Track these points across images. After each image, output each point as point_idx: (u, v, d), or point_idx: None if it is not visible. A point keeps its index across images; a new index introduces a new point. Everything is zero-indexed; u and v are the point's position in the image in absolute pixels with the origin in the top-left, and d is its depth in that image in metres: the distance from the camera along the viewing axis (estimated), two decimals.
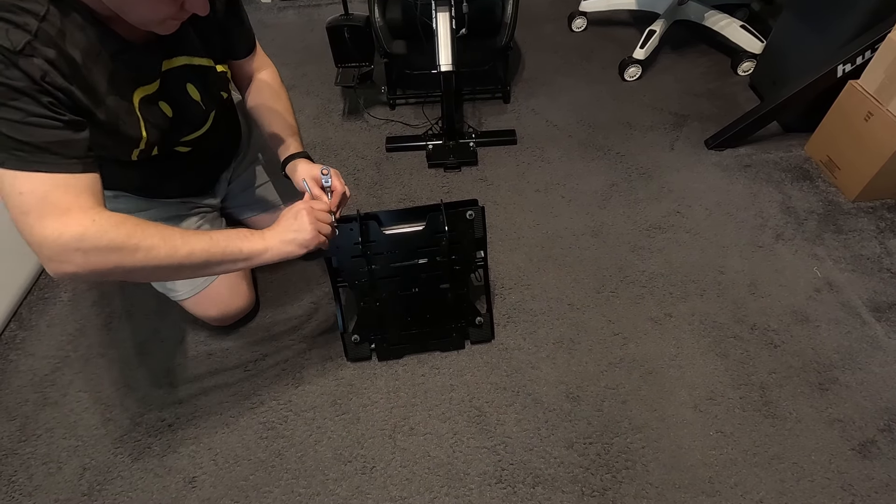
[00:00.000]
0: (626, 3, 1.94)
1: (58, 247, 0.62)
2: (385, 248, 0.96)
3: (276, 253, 0.78)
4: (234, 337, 1.11)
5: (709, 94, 1.68)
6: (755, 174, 1.41)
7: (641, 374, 1.02)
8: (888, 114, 1.18)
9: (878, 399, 0.96)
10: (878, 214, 1.29)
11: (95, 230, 0.63)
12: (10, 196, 0.62)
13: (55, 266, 0.63)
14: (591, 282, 1.18)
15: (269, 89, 1.01)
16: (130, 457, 0.94)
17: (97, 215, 0.64)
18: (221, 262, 0.74)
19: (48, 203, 0.62)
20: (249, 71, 1.01)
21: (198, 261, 0.71)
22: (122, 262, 0.65)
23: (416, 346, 1.06)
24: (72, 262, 0.63)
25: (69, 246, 0.62)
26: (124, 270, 0.66)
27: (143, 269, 0.67)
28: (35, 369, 1.07)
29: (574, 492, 0.87)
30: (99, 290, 1.20)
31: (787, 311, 1.11)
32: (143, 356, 1.08)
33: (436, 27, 1.34)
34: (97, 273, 0.65)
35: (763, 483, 0.87)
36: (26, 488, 0.91)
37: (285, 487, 0.90)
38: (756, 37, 1.69)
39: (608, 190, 1.39)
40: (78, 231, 0.62)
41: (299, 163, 0.94)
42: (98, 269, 0.64)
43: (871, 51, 1.23)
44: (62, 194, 0.63)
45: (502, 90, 1.68)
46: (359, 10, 1.71)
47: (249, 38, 0.97)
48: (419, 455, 0.93)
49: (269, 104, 1.00)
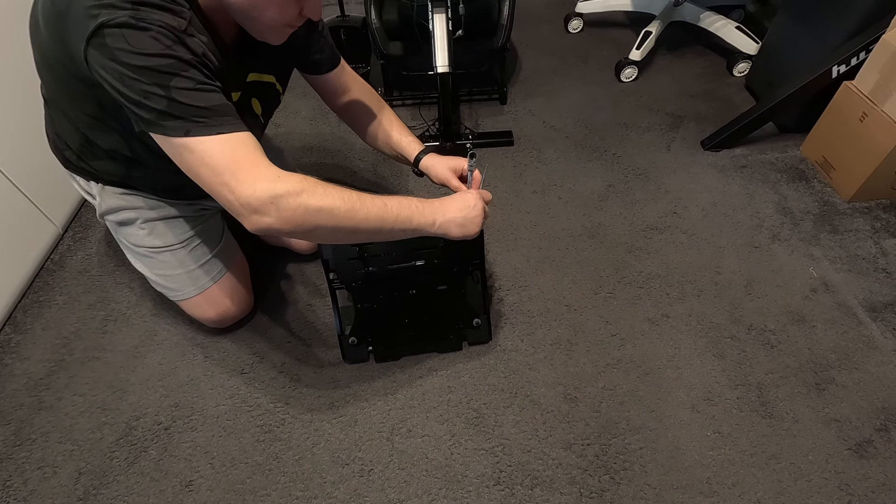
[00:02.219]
0: (623, 4, 1.95)
1: (255, 200, 0.65)
2: (382, 249, 0.95)
3: (441, 229, 0.82)
4: (231, 339, 1.10)
5: (705, 96, 1.68)
6: (751, 175, 1.41)
7: (639, 375, 1.02)
8: (883, 114, 1.18)
9: (874, 399, 0.97)
10: (874, 214, 1.29)
11: (283, 182, 0.67)
12: (203, 162, 0.66)
13: (255, 219, 0.67)
14: (588, 283, 1.18)
15: (373, 95, 1.06)
16: (126, 461, 0.93)
17: (278, 169, 0.68)
18: (392, 230, 0.77)
19: (237, 160, 0.66)
20: (341, 83, 1.03)
21: (372, 226, 0.74)
22: (309, 214, 0.68)
23: (413, 347, 1.06)
24: (269, 213, 0.66)
25: (264, 198, 0.65)
26: (310, 226, 0.70)
27: (325, 225, 0.70)
28: (30, 373, 1.06)
29: (572, 493, 0.87)
30: (94, 293, 1.19)
31: (784, 311, 1.11)
32: (139, 359, 1.07)
33: (432, 29, 1.34)
34: (291, 224, 0.68)
35: (760, 483, 0.87)
36: (21, 493, 0.90)
37: (283, 491, 0.89)
38: (751, 38, 1.69)
39: (605, 191, 1.39)
40: (269, 184, 0.66)
41: (433, 157, 0.98)
42: (291, 220, 0.68)
43: (865, 52, 1.24)
44: (245, 151, 0.67)
45: (499, 91, 1.68)
46: (355, 11, 1.71)
47: (334, 53, 1.00)
48: (417, 457, 0.92)
49: (378, 109, 1.05)
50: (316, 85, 1.03)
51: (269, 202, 0.66)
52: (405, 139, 1.01)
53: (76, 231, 1.32)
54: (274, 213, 0.66)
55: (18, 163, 1.15)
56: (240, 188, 0.65)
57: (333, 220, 0.71)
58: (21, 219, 1.19)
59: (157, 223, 0.98)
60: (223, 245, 1.06)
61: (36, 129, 0.93)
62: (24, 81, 1.13)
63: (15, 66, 1.13)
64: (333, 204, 0.70)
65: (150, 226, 0.98)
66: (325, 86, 1.03)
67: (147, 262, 1.01)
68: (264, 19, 0.72)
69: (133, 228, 0.98)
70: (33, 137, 0.96)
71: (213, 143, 0.66)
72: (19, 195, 1.17)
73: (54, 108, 0.86)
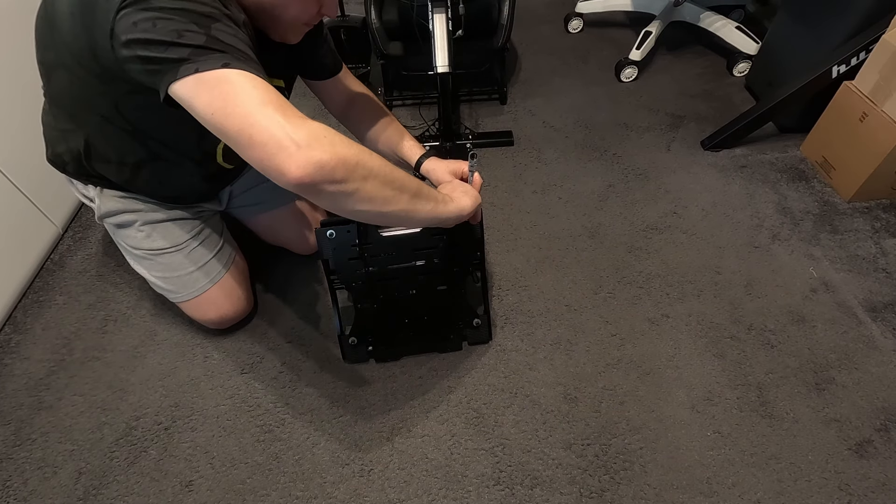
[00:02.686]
0: (623, 4, 1.95)
1: (307, 130, 0.57)
2: (382, 249, 0.95)
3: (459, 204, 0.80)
4: (232, 339, 1.10)
5: (705, 96, 1.68)
6: (751, 175, 1.41)
7: (639, 375, 1.02)
8: (883, 114, 1.18)
9: (874, 399, 0.97)
10: (874, 214, 1.29)
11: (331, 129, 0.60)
12: (244, 90, 0.57)
13: (304, 155, 0.56)
14: (588, 283, 1.18)
15: (373, 100, 1.06)
16: (126, 461, 0.93)
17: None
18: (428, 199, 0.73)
19: (282, 101, 0.58)
20: (342, 88, 1.03)
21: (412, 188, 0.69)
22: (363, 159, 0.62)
23: (413, 347, 1.06)
24: (322, 147, 0.57)
25: (318, 131, 0.58)
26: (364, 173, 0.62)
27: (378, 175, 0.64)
28: (30, 373, 1.06)
29: (572, 493, 0.87)
30: (94, 293, 1.19)
31: (784, 311, 1.11)
32: (139, 359, 1.07)
33: (432, 28, 1.34)
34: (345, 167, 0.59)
35: (760, 483, 0.87)
36: (21, 493, 0.90)
37: (283, 491, 0.89)
38: (751, 38, 1.69)
39: (605, 191, 1.39)
40: (318, 123, 0.59)
41: (434, 161, 0.98)
42: (347, 159, 0.59)
43: (865, 52, 1.24)
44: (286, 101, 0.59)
45: (499, 91, 1.68)
46: (355, 11, 1.71)
47: (336, 58, 1.00)
48: (417, 457, 0.92)
49: (379, 114, 1.04)
50: (318, 90, 1.03)
51: (323, 136, 0.58)
52: (406, 143, 1.01)
53: (76, 231, 1.33)
54: (329, 148, 0.57)
55: (18, 163, 1.15)
56: (288, 119, 0.56)
57: (385, 169, 0.65)
58: (21, 219, 1.19)
59: (156, 225, 0.98)
60: (223, 246, 1.06)
61: (36, 129, 0.93)
62: (25, 82, 1.13)
63: (15, 66, 1.13)
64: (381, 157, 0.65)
65: (149, 228, 0.98)
66: (327, 91, 1.03)
67: (146, 264, 1.01)
68: (287, 17, 0.73)
69: (132, 231, 0.98)
70: (33, 137, 0.96)
71: (255, 80, 0.58)
72: (19, 195, 1.17)
73: (60, 110, 0.85)
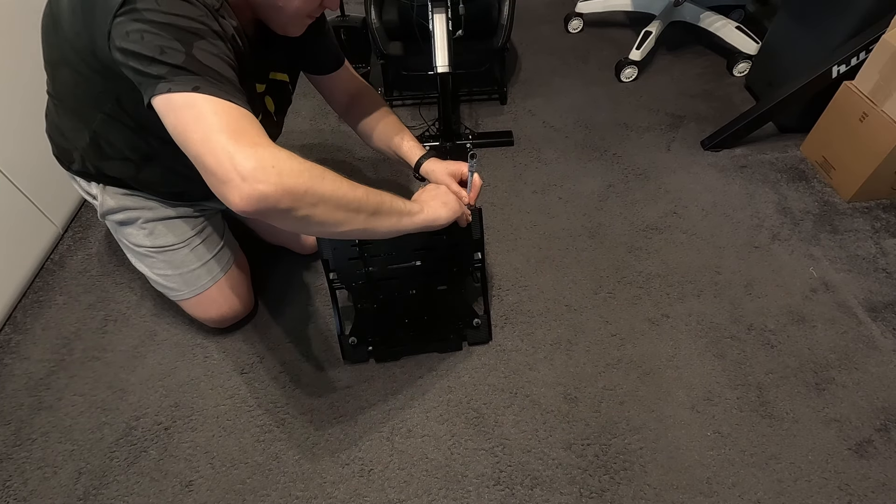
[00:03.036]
0: (623, 4, 1.95)
1: (255, 161, 0.58)
2: (382, 249, 0.95)
3: (431, 215, 0.82)
4: (231, 339, 1.10)
5: (705, 96, 1.68)
6: (751, 175, 1.41)
7: (639, 375, 1.02)
8: (883, 114, 1.18)
9: (874, 399, 0.97)
10: (874, 214, 1.29)
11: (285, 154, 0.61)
12: (201, 117, 0.59)
13: (248, 188, 0.57)
14: (588, 283, 1.18)
15: (375, 97, 1.06)
16: (126, 461, 0.93)
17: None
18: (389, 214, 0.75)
19: (242, 128, 0.60)
20: (344, 84, 1.04)
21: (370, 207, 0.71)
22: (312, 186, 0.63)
23: (413, 347, 1.06)
24: (268, 179, 0.58)
25: (266, 161, 0.58)
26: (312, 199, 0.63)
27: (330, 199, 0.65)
28: (30, 373, 1.06)
29: (572, 493, 0.87)
30: (94, 293, 1.19)
31: (784, 311, 1.11)
32: (139, 359, 1.07)
33: (432, 28, 1.34)
34: (292, 196, 0.60)
35: (760, 483, 0.87)
36: (21, 493, 0.90)
37: (283, 491, 0.89)
38: (751, 38, 1.69)
39: (605, 191, 1.39)
40: (273, 149, 0.60)
41: (434, 162, 0.97)
42: (294, 189, 0.60)
43: (865, 52, 1.24)
44: (249, 125, 0.61)
45: (499, 91, 1.68)
46: (355, 11, 1.71)
47: (338, 53, 1.00)
48: (417, 457, 0.92)
49: (380, 111, 1.04)
50: (320, 85, 1.04)
51: (270, 166, 0.58)
52: (406, 143, 1.01)
53: (76, 231, 1.32)
54: (274, 179, 0.58)
55: (18, 163, 1.15)
56: (239, 149, 0.57)
57: (337, 193, 0.66)
58: (21, 219, 1.19)
59: (158, 223, 0.98)
60: (224, 245, 1.06)
61: (36, 129, 0.93)
62: (25, 81, 1.13)
63: (15, 66, 1.13)
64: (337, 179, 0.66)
65: (151, 226, 0.98)
66: (328, 86, 1.03)
67: (148, 261, 1.01)
68: (290, 9, 0.73)
69: (134, 228, 0.98)
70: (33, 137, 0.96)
71: (219, 105, 0.60)
72: (19, 195, 1.17)
73: (64, 108, 0.85)
